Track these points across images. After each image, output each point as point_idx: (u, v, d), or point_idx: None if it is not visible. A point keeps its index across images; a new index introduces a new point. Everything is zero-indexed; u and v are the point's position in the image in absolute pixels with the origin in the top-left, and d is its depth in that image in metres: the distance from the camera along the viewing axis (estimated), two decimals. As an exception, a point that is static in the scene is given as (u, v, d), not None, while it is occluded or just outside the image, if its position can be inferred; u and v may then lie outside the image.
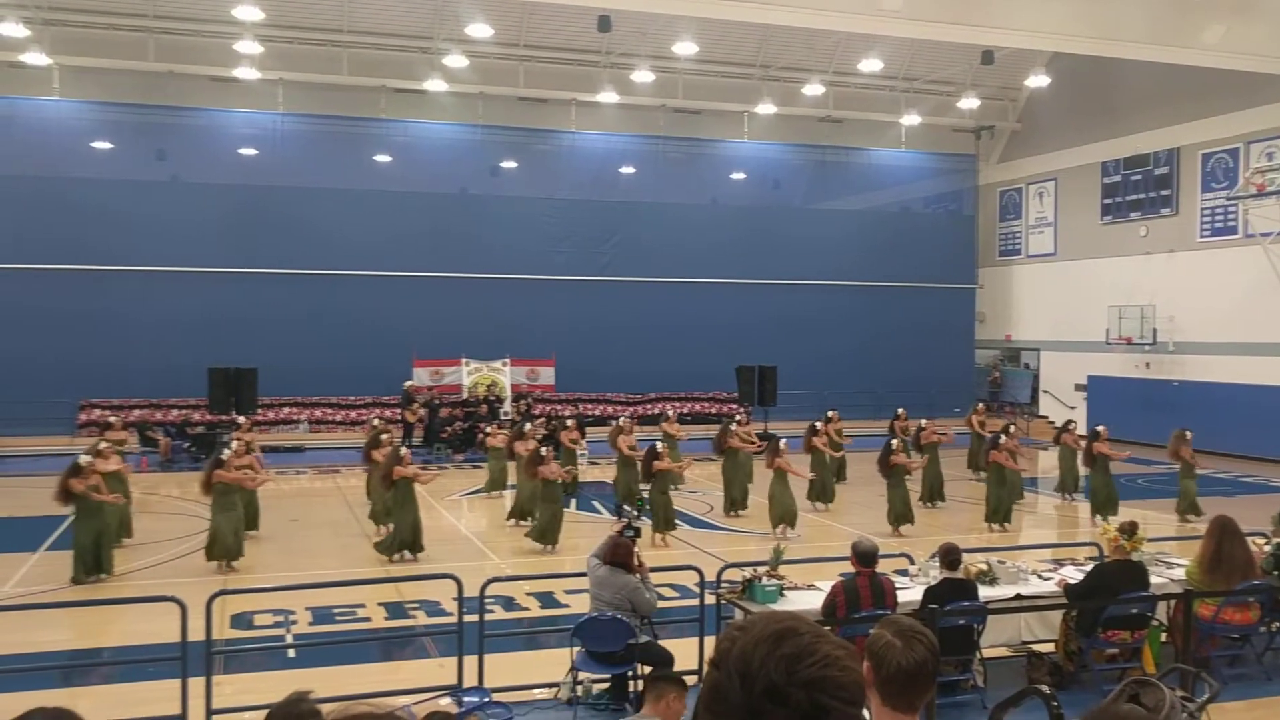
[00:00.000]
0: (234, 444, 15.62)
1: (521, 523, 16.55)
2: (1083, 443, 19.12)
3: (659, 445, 16.79)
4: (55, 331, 26.08)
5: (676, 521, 16.25)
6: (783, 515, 16.33)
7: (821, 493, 18.94)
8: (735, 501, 18.21)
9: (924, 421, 20.56)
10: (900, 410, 22.20)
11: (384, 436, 17.01)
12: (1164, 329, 28.56)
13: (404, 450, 15.33)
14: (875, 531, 15.48)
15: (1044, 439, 27.35)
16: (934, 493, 19.35)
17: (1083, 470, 19.24)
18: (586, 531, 16.04)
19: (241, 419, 20.72)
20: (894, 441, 17.59)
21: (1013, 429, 18.90)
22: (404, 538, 14.49)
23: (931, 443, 19.91)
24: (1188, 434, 18.46)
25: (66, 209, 26.52)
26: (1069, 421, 21.49)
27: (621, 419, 19.82)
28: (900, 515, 16.78)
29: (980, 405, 24.84)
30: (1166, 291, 28.49)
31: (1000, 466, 17.27)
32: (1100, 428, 18.83)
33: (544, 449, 15.71)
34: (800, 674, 1.53)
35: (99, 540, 13.30)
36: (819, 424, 20.08)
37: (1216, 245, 27.67)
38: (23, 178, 26.55)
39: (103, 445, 15.25)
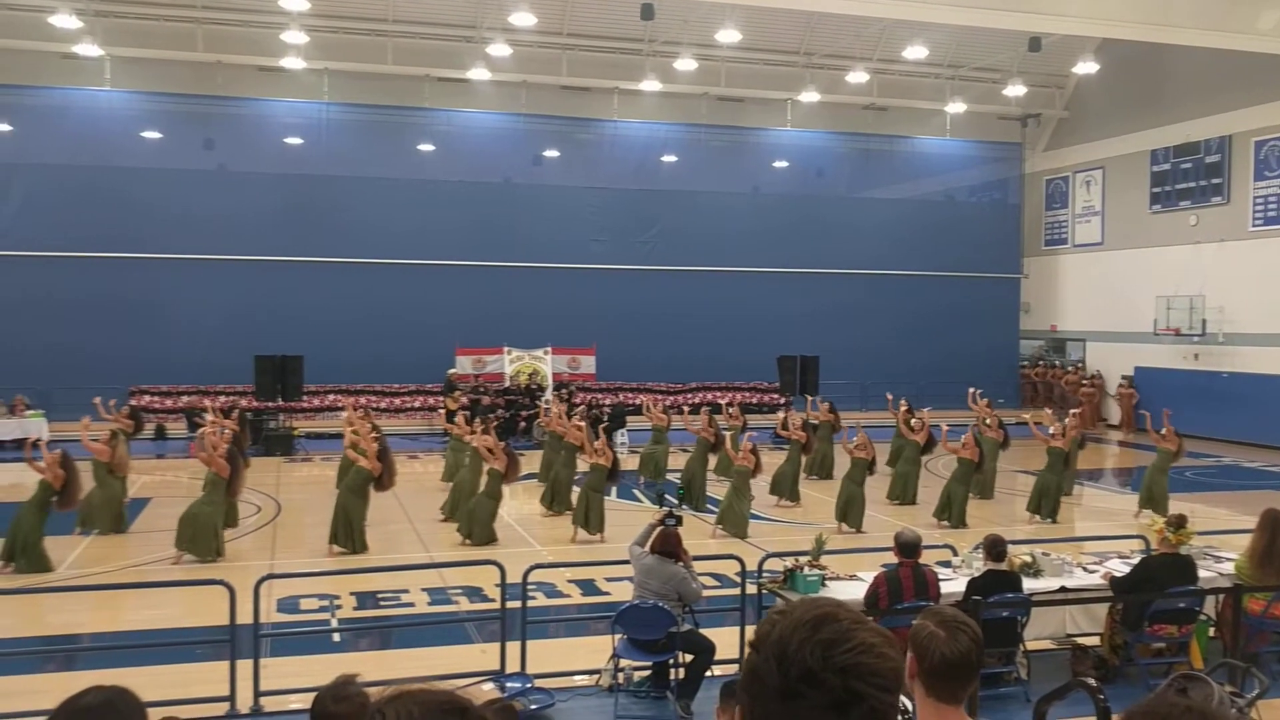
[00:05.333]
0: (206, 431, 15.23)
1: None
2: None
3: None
4: (106, 319, 26.56)
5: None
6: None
7: (787, 488, 18.28)
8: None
9: (915, 417, 19.26)
10: (971, 389, 21.79)
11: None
12: (1214, 319, 28.10)
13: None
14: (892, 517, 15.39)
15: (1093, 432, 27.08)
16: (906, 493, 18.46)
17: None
18: (622, 520, 16.08)
19: (208, 402, 20.78)
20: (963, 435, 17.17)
21: (988, 422, 18.40)
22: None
23: (914, 442, 18.74)
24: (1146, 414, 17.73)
25: (116, 199, 26.97)
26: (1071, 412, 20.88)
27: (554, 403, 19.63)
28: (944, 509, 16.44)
29: (985, 401, 21.98)
30: (1216, 281, 28.02)
31: (965, 462, 16.69)
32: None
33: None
34: (835, 660, 1.56)
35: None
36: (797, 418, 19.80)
37: (1269, 234, 27.14)
38: (75, 167, 27.02)
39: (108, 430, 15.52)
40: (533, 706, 8.38)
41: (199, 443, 15.01)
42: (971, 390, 22.19)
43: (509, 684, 8.70)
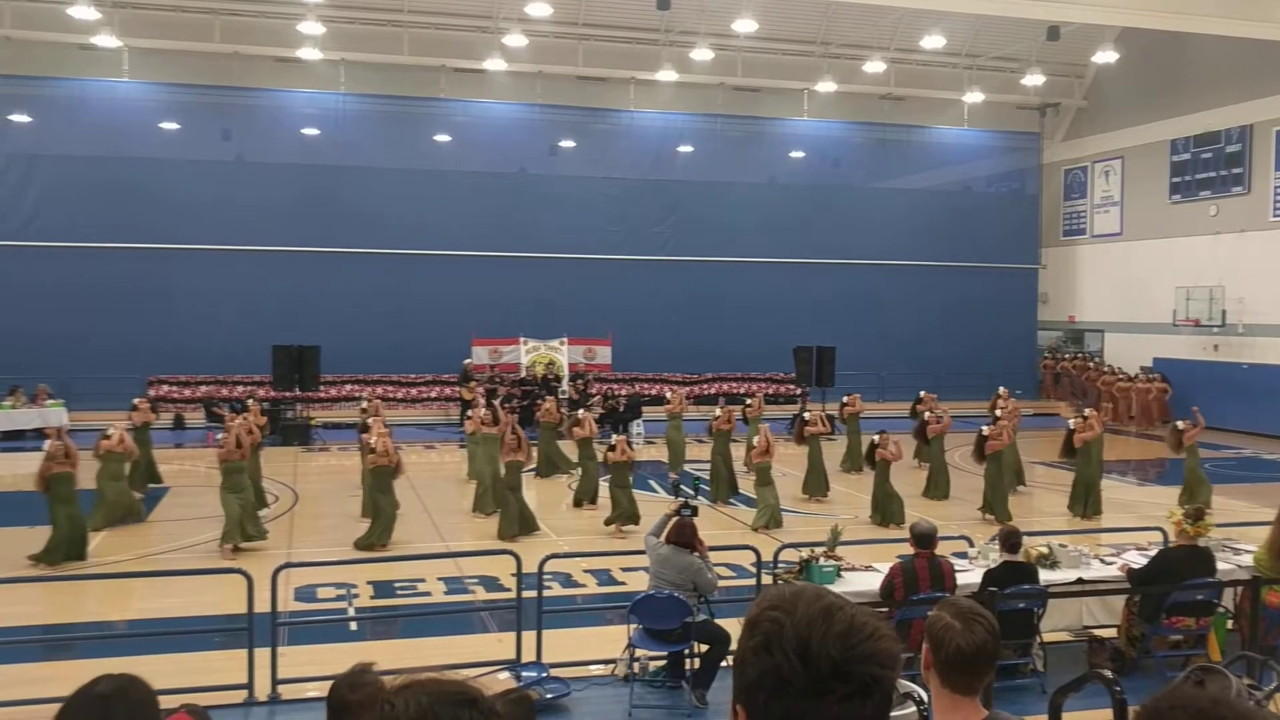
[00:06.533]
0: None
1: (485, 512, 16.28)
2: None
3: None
4: (124, 309, 26.74)
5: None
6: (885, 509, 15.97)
7: (818, 485, 18.08)
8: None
9: (931, 410, 19.23)
10: (1001, 389, 21.39)
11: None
12: (1233, 310, 27.91)
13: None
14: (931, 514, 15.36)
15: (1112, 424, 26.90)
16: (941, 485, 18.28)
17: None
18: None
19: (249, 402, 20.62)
20: (985, 427, 16.95)
21: (1001, 414, 18.36)
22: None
23: (939, 434, 18.51)
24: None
25: (134, 189, 27.10)
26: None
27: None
28: (990, 504, 16.25)
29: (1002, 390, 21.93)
30: (1236, 272, 27.82)
31: (995, 456, 16.57)
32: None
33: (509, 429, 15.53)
34: (857, 649, 1.57)
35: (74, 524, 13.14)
36: (807, 414, 19.66)
37: (1290, 225, 26.98)
38: (93, 158, 27.18)
39: (111, 430, 15.43)
40: (548, 696, 8.41)
41: (222, 435, 14.98)
42: (1002, 390, 21.72)
43: (525, 673, 8.73)
